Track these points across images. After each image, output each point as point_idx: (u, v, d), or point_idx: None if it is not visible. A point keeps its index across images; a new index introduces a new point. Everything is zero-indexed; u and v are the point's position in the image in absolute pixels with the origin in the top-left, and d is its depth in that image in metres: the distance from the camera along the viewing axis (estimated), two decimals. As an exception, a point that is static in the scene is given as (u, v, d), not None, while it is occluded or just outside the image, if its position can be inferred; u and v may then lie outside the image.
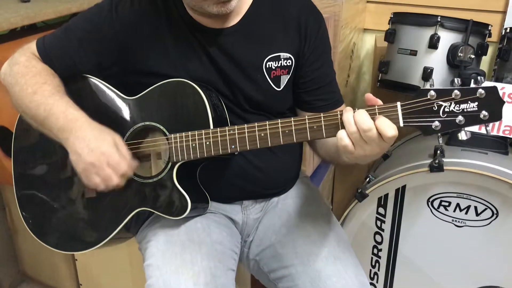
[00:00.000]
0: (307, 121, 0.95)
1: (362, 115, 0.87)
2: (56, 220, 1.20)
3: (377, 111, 0.89)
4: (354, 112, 0.89)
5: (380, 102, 0.91)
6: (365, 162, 0.97)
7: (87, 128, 1.02)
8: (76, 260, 1.78)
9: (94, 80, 1.16)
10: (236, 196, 1.23)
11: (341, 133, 0.89)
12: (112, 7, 1.11)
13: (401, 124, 0.89)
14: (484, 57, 1.60)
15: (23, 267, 1.96)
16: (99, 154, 1.00)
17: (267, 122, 0.99)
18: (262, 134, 0.99)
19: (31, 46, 1.16)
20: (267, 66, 1.13)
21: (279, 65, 1.13)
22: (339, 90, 1.23)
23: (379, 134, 0.87)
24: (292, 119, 0.96)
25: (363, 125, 0.86)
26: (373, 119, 0.87)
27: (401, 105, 0.88)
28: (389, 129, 0.86)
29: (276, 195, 1.27)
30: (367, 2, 2.01)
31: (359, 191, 1.38)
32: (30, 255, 1.91)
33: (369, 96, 0.91)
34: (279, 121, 0.98)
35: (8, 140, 1.26)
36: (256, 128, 1.00)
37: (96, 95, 1.15)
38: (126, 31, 1.10)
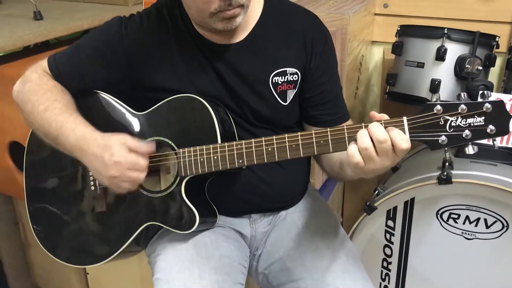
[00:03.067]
0: (313, 135, 0.95)
1: (377, 126, 0.88)
2: (67, 234, 1.21)
3: (383, 125, 0.89)
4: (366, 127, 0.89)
5: (386, 117, 0.91)
6: (371, 176, 0.97)
7: (94, 144, 1.04)
8: (88, 273, 1.79)
9: (104, 96, 1.18)
10: (245, 210, 1.23)
11: (352, 149, 0.89)
12: (121, 24, 1.13)
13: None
14: (493, 69, 1.60)
15: (35, 280, 1.98)
16: (114, 164, 1.01)
17: (274, 137, 0.99)
18: (269, 149, 1.00)
19: (43, 64, 1.18)
20: (274, 81, 1.14)
21: (285, 80, 1.14)
22: (346, 105, 1.23)
23: (392, 146, 0.87)
24: (299, 133, 0.97)
25: (379, 136, 0.86)
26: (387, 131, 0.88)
27: (408, 120, 0.88)
28: (403, 142, 0.86)
29: (284, 208, 1.27)
30: (375, 14, 2.02)
31: (367, 203, 1.38)
32: (42, 269, 1.93)
33: (374, 114, 0.91)
34: (286, 135, 0.98)
35: (21, 155, 1.28)
36: (264, 143, 1.00)
37: (106, 110, 1.17)
38: (135, 47, 1.12)
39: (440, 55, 1.49)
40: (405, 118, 0.88)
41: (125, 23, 1.13)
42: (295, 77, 1.15)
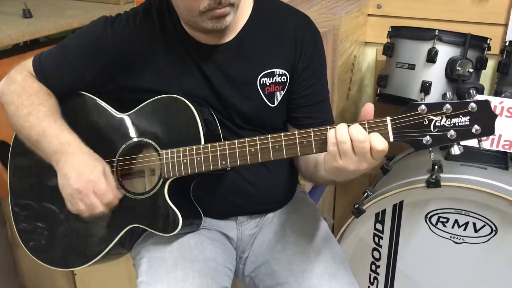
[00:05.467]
0: (297, 136, 0.94)
1: (357, 127, 0.86)
2: (50, 236, 1.20)
3: (366, 125, 0.88)
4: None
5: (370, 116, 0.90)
6: (344, 179, 0.96)
7: (79, 154, 1.03)
8: (75, 274, 1.78)
9: (88, 97, 1.16)
10: (231, 212, 1.22)
11: (331, 135, 0.88)
12: (107, 25, 1.11)
13: (391, 139, 0.88)
14: (485, 71, 1.58)
15: (23, 281, 1.96)
16: (86, 181, 1.01)
17: (257, 138, 0.98)
18: (253, 150, 0.99)
19: (27, 64, 1.16)
20: (261, 83, 1.12)
21: (273, 81, 1.13)
22: (331, 111, 1.21)
23: (370, 147, 0.86)
24: (282, 134, 0.96)
25: (358, 136, 0.85)
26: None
27: (391, 120, 0.87)
28: (380, 143, 0.85)
29: (272, 210, 1.26)
30: (368, 15, 2.01)
31: (356, 206, 1.36)
32: (30, 269, 1.92)
33: (368, 107, 0.90)
34: (269, 136, 0.97)
35: (8, 154, 1.26)
36: (247, 144, 0.99)
37: (89, 111, 1.15)
38: (121, 48, 1.10)
39: (431, 57, 1.48)
40: (388, 118, 0.87)
41: (111, 23, 1.12)
42: (283, 79, 1.13)
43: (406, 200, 1.40)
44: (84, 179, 1.01)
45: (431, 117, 0.85)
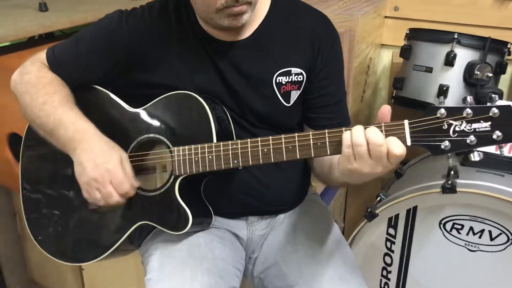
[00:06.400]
0: (311, 137, 0.92)
1: (374, 130, 0.84)
2: (60, 231, 1.19)
3: (383, 128, 0.85)
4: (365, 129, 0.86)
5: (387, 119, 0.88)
6: (357, 182, 0.94)
7: (96, 142, 1.03)
8: (83, 270, 1.77)
9: (101, 90, 1.15)
10: (241, 211, 1.20)
11: (346, 138, 0.86)
12: (122, 18, 1.11)
13: (409, 143, 0.85)
14: (504, 76, 1.55)
15: (31, 274, 1.97)
16: (104, 170, 1.00)
17: (270, 137, 0.96)
18: (265, 150, 0.97)
19: (41, 55, 1.16)
20: (277, 81, 1.10)
21: (289, 80, 1.11)
22: (347, 112, 1.19)
23: (387, 151, 0.83)
24: (296, 134, 0.94)
25: (376, 139, 0.83)
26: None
27: (409, 123, 0.85)
28: (398, 148, 0.83)
29: (283, 211, 1.24)
30: (385, 17, 1.99)
31: (368, 210, 1.34)
32: (38, 263, 1.92)
33: (385, 109, 0.87)
34: (283, 136, 0.95)
35: (19, 147, 1.26)
36: (260, 143, 0.97)
37: (102, 105, 1.14)
38: (135, 41, 1.10)
39: (449, 60, 1.45)
40: (406, 122, 0.85)
41: (126, 16, 1.11)
42: (300, 78, 1.11)
43: (420, 205, 1.37)
44: (101, 168, 1.00)
45: (451, 121, 0.82)
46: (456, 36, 1.44)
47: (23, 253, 1.92)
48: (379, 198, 1.42)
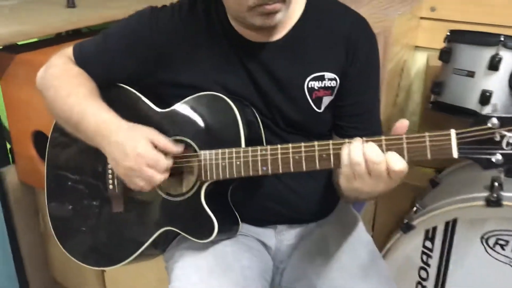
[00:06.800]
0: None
1: (371, 146, 0.81)
2: (83, 233, 1.17)
3: (427, 138, 0.79)
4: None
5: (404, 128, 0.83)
6: (364, 198, 0.92)
7: (118, 131, 0.98)
8: (105, 271, 1.75)
9: (127, 90, 1.12)
10: (270, 219, 1.15)
11: (344, 154, 0.83)
12: (152, 15, 1.07)
13: (456, 155, 0.78)
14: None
15: (53, 274, 1.95)
16: (135, 156, 0.95)
17: (302, 144, 0.91)
18: (297, 157, 0.91)
19: (68, 51, 1.14)
20: (309, 86, 1.05)
21: (322, 85, 1.05)
22: (380, 122, 1.13)
23: (387, 168, 0.79)
24: (331, 142, 0.88)
25: (374, 156, 0.79)
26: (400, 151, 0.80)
27: (457, 134, 0.77)
28: (397, 163, 0.79)
29: (313, 221, 1.18)
30: (421, 18, 1.90)
31: (405, 222, 1.27)
32: (60, 262, 1.90)
33: (402, 124, 0.83)
34: (316, 143, 0.90)
35: (44, 145, 1.24)
36: (291, 150, 0.92)
37: (128, 104, 1.11)
38: (164, 40, 1.06)
39: (494, 64, 1.37)
40: (453, 132, 0.78)
41: (157, 14, 1.07)
42: (333, 83, 1.05)
43: (460, 218, 1.30)
44: (132, 155, 0.95)
45: (504, 132, 0.75)
46: (502, 39, 1.36)
47: (46, 252, 1.91)
48: (415, 208, 1.35)
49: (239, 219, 1.09)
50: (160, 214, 1.06)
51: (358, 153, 0.81)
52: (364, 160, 0.80)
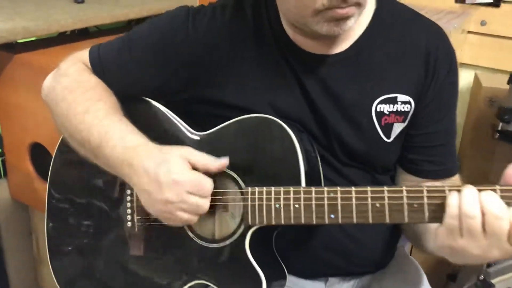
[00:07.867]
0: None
1: (493, 196, 0.65)
2: (88, 276, 0.96)
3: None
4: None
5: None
6: (461, 262, 0.72)
7: (147, 157, 0.78)
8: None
9: (155, 106, 0.92)
10: (321, 271, 0.96)
11: (452, 202, 0.67)
12: (188, 17, 0.88)
13: None
14: None
15: (44, 303, 1.74)
16: (171, 184, 0.75)
17: (385, 188, 0.72)
18: (378, 205, 0.72)
19: (83, 55, 0.94)
20: (378, 110, 0.86)
21: (394, 110, 0.86)
22: (456, 155, 0.94)
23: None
24: (425, 188, 0.69)
25: (496, 209, 0.64)
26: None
27: None
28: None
29: (370, 272, 0.99)
30: (468, 32, 1.72)
31: (480, 278, 1.06)
32: (53, 290, 1.69)
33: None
34: (404, 188, 0.71)
35: (42, 160, 1.10)
36: (369, 195, 0.72)
37: (156, 124, 0.91)
38: (202, 48, 0.87)
39: None
40: None
41: (193, 15, 0.88)
42: (407, 107, 0.86)
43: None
44: (167, 183, 0.75)
45: None
46: None
47: (37, 277, 1.69)
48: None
49: (286, 271, 0.89)
50: (191, 263, 0.86)
51: (474, 204, 0.64)
52: (482, 213, 0.64)
